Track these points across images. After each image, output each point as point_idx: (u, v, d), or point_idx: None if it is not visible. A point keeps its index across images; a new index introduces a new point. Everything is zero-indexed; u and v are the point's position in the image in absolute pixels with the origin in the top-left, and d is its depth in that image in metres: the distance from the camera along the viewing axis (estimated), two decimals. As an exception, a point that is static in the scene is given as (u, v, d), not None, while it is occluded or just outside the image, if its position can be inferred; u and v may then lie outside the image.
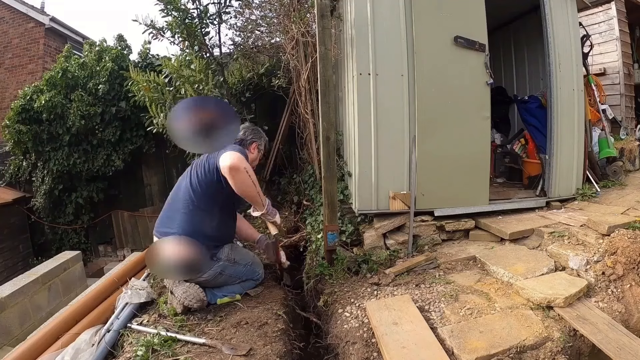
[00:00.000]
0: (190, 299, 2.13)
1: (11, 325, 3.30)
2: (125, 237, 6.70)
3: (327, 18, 2.57)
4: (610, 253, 2.30)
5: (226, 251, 2.32)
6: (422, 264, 2.66)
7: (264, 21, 4.36)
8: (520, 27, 4.66)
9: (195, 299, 2.14)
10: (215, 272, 2.25)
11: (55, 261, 4.10)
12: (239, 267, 2.37)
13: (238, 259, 2.37)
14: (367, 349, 1.92)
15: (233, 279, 2.36)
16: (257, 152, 2.57)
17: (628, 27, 5.17)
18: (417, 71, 2.84)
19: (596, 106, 4.10)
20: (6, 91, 8.71)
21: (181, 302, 2.12)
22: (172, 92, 3.84)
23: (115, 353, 1.99)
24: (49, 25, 8.52)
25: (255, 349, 1.88)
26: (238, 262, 2.36)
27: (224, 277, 2.31)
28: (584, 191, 3.37)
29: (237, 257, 2.37)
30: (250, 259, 2.49)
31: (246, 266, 2.41)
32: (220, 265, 2.26)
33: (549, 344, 1.81)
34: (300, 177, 4.31)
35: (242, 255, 2.45)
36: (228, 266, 2.30)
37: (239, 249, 2.50)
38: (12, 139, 6.07)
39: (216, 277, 2.27)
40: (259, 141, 2.57)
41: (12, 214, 6.48)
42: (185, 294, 2.13)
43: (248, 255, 2.52)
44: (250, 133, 2.54)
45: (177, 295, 2.14)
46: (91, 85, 5.85)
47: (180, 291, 2.14)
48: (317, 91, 2.98)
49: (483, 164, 3.07)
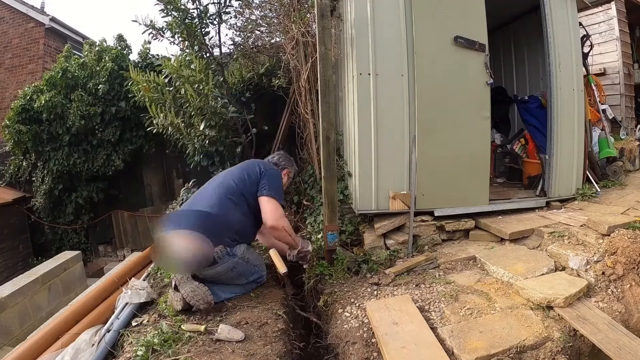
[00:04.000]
0: (198, 299, 2.10)
1: (11, 325, 3.30)
2: (125, 237, 6.70)
3: (327, 18, 2.57)
4: (610, 253, 2.30)
5: (242, 249, 2.36)
6: (422, 264, 2.66)
7: (264, 21, 4.35)
8: (520, 27, 4.66)
9: (203, 300, 2.12)
10: (228, 267, 2.28)
11: (55, 261, 4.10)
12: (249, 267, 2.40)
13: (251, 260, 2.42)
14: (367, 349, 1.92)
15: (241, 277, 2.39)
16: (287, 179, 2.80)
17: (628, 27, 5.16)
18: (417, 71, 2.84)
19: (596, 106, 4.10)
20: (6, 91, 8.71)
21: (187, 300, 2.10)
22: (172, 92, 3.84)
23: (115, 353, 1.98)
24: (49, 25, 8.52)
25: (250, 337, 1.90)
26: (250, 262, 2.40)
27: (234, 273, 2.33)
28: (584, 191, 3.37)
29: (250, 257, 2.43)
30: (260, 262, 2.55)
31: (254, 267, 2.46)
32: (234, 261, 2.30)
33: (549, 344, 1.81)
34: (300, 177, 4.30)
35: (255, 257, 2.51)
36: (241, 264, 2.34)
37: (252, 251, 2.56)
38: (12, 139, 6.07)
39: (227, 272, 2.29)
40: (290, 168, 2.82)
41: (12, 214, 6.48)
42: (193, 292, 2.10)
43: (259, 258, 2.59)
44: (284, 160, 2.82)
45: (184, 293, 2.10)
46: (91, 85, 5.85)
47: (188, 289, 2.11)
48: (317, 91, 2.98)
49: (483, 164, 3.07)
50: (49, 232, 6.62)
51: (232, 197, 2.40)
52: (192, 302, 2.11)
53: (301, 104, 3.88)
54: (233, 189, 2.43)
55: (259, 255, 2.73)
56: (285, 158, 2.86)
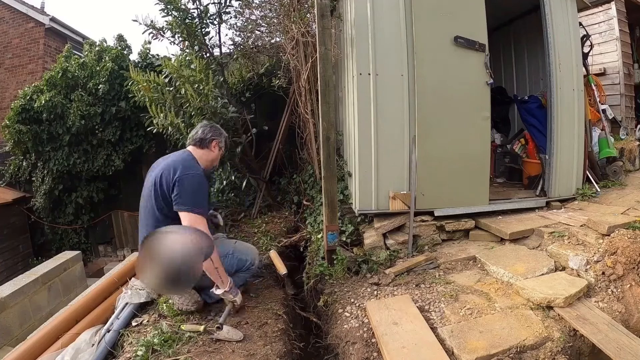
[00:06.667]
0: (187, 303, 2.16)
1: (11, 325, 3.29)
2: (125, 237, 6.70)
3: (327, 18, 2.57)
4: (610, 253, 2.30)
5: None
6: (422, 264, 2.66)
7: (264, 21, 4.36)
8: (520, 27, 4.66)
9: (191, 302, 2.17)
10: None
11: (55, 261, 4.09)
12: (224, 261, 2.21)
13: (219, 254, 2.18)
14: (367, 349, 1.92)
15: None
16: (217, 150, 2.46)
17: (628, 27, 5.16)
18: (417, 71, 2.84)
19: (596, 106, 4.10)
20: (6, 91, 8.70)
21: (179, 308, 2.17)
22: (172, 92, 3.83)
23: (115, 353, 1.99)
24: (49, 25, 8.51)
25: (250, 337, 1.90)
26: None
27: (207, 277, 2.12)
28: (584, 191, 3.37)
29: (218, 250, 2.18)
30: (229, 248, 2.34)
31: (227, 256, 2.28)
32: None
33: (549, 344, 1.81)
34: (300, 177, 4.31)
35: (223, 248, 2.30)
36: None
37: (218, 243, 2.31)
38: (12, 139, 6.07)
39: (201, 278, 2.07)
40: (218, 138, 2.45)
41: (12, 214, 6.47)
42: (181, 299, 2.16)
43: (224, 245, 2.36)
44: (210, 131, 2.43)
45: (174, 302, 2.19)
46: (91, 85, 5.85)
47: (176, 297, 2.18)
48: (317, 91, 2.98)
49: (483, 164, 3.07)
50: (49, 232, 6.62)
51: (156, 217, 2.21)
52: (183, 307, 2.16)
53: (301, 104, 3.88)
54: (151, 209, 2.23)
55: (227, 240, 2.49)
56: (210, 128, 2.47)
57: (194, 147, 2.37)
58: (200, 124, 2.53)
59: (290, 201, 4.41)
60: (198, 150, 2.35)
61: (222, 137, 2.49)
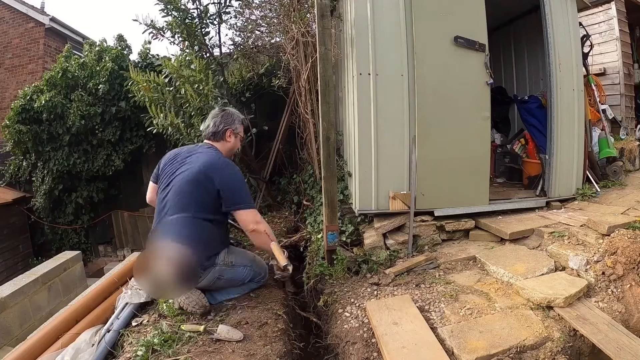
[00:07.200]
0: (193, 305, 2.11)
1: (11, 325, 3.30)
2: (125, 237, 6.70)
3: (327, 18, 2.57)
4: (610, 253, 2.30)
5: (222, 256, 2.23)
6: (422, 264, 2.66)
7: (264, 21, 4.36)
8: (520, 27, 4.66)
9: (198, 305, 2.12)
10: (213, 277, 2.19)
11: (55, 261, 4.09)
12: (237, 269, 2.30)
13: (235, 262, 2.29)
14: (367, 349, 1.92)
15: (233, 282, 2.31)
16: (233, 138, 2.40)
17: (628, 27, 5.16)
18: (417, 71, 2.84)
19: (596, 106, 4.10)
20: (6, 91, 8.71)
21: (183, 307, 2.12)
22: (172, 92, 3.84)
23: (115, 353, 1.98)
24: (49, 25, 8.52)
25: (250, 337, 1.90)
26: (236, 265, 2.29)
27: (223, 281, 2.24)
28: (584, 191, 3.37)
29: (235, 259, 2.29)
30: (249, 260, 2.39)
31: (245, 268, 2.34)
32: (217, 269, 2.19)
33: (549, 344, 1.81)
34: (300, 177, 4.31)
35: (240, 256, 2.36)
36: (226, 270, 2.23)
37: (235, 251, 2.39)
38: (12, 139, 6.08)
39: (214, 281, 2.21)
40: (231, 126, 2.37)
41: (12, 214, 6.48)
42: (187, 299, 2.11)
43: (246, 256, 2.42)
44: (221, 122, 2.35)
45: (180, 301, 2.14)
46: (91, 85, 5.85)
47: (183, 296, 2.13)
48: (317, 91, 2.98)
49: (483, 164, 3.07)
50: (49, 232, 6.62)
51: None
52: (188, 309, 2.12)
53: (301, 104, 3.88)
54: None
55: (247, 252, 2.53)
56: (221, 117, 2.36)
57: (209, 141, 2.39)
58: (212, 112, 2.47)
59: (290, 201, 4.41)
60: (215, 143, 2.38)
61: (235, 123, 2.41)
